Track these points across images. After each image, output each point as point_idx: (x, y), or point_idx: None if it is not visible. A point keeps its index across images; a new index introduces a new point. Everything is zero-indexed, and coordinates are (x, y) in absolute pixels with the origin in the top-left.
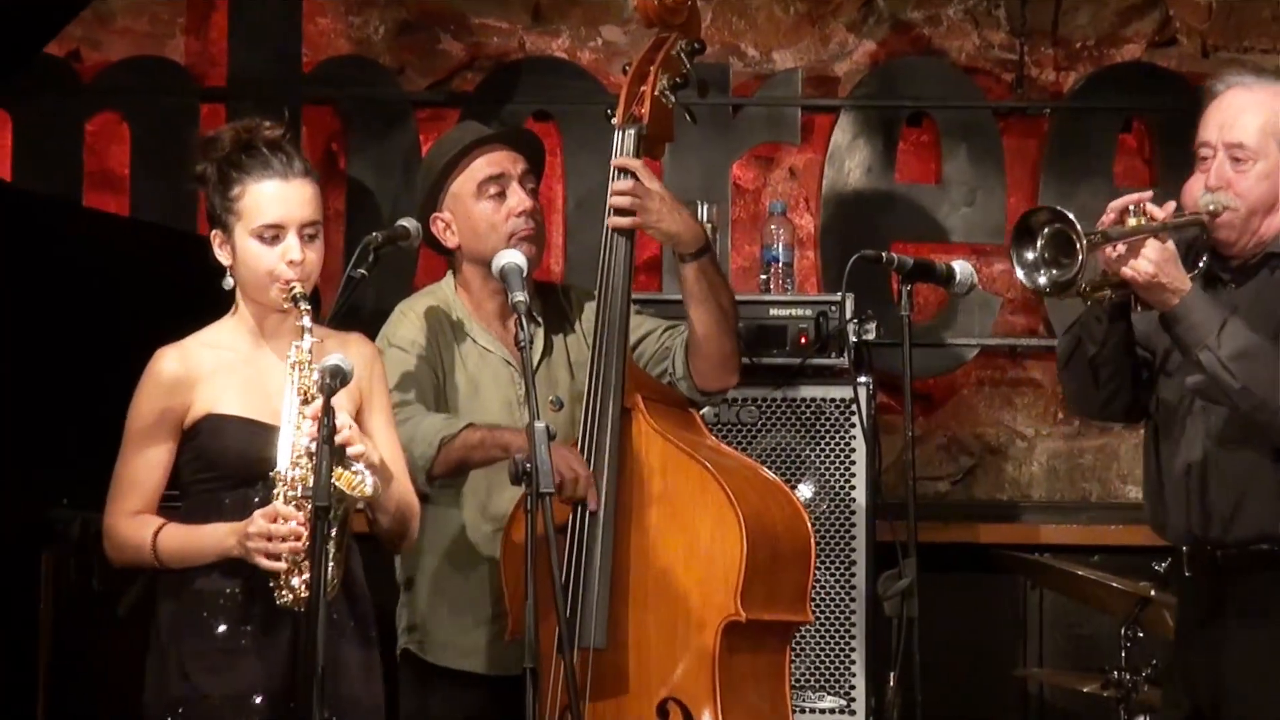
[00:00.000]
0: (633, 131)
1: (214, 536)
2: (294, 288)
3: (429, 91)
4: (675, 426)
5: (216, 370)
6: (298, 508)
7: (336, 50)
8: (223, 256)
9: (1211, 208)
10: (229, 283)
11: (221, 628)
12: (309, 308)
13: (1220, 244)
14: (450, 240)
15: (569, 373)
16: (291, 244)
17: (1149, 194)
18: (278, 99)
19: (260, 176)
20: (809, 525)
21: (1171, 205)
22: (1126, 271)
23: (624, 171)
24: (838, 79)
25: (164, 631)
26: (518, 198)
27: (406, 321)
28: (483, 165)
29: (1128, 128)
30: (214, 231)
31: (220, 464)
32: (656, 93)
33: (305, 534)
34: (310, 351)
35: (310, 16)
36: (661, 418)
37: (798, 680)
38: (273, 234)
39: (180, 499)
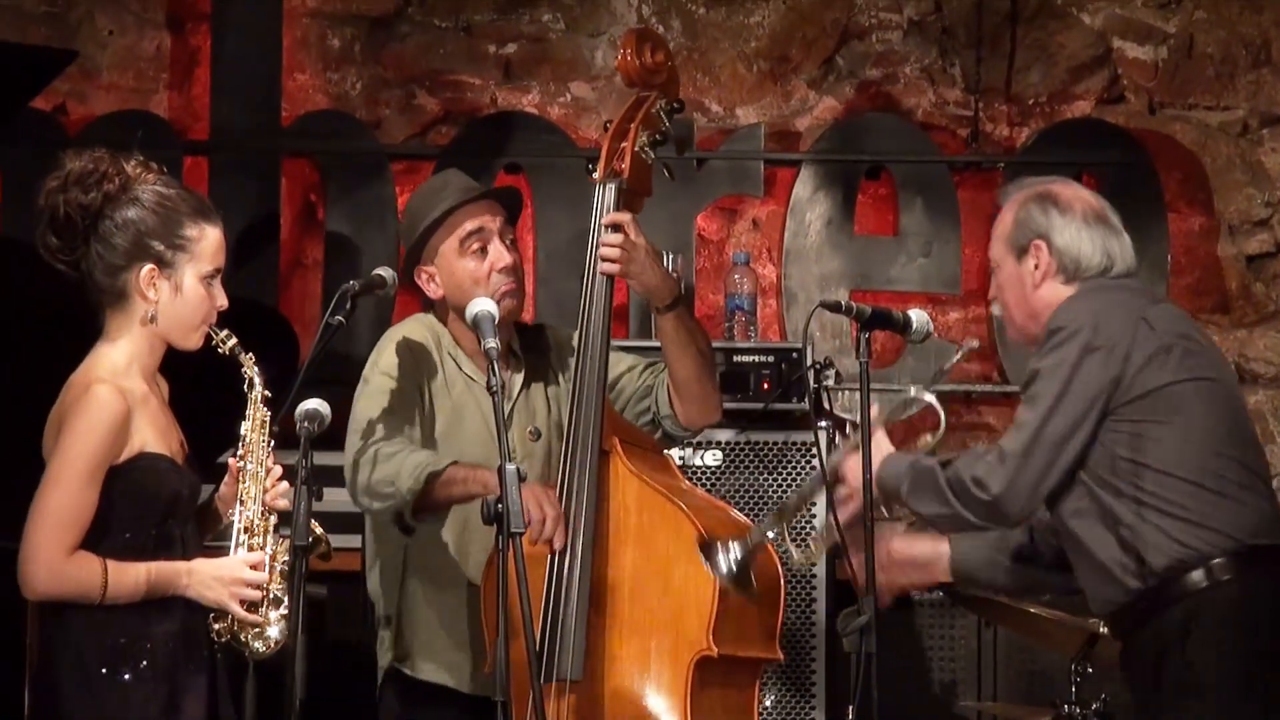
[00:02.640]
0: (613, 186)
1: (166, 575)
2: (230, 335)
3: (405, 145)
4: (650, 469)
5: (136, 407)
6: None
7: (315, 105)
8: (150, 290)
9: (996, 311)
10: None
11: (154, 666)
12: (250, 355)
13: (1021, 343)
14: (434, 292)
15: (547, 405)
16: (220, 289)
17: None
18: (258, 152)
19: (213, 220)
20: (779, 566)
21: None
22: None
23: (615, 226)
24: (799, 134)
25: (91, 665)
26: (499, 253)
27: (392, 348)
28: (464, 222)
29: (1078, 180)
30: (148, 266)
31: (154, 502)
32: (636, 149)
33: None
34: (266, 404)
35: (289, 72)
36: (637, 460)
37: (761, 716)
38: (214, 278)
39: (91, 535)
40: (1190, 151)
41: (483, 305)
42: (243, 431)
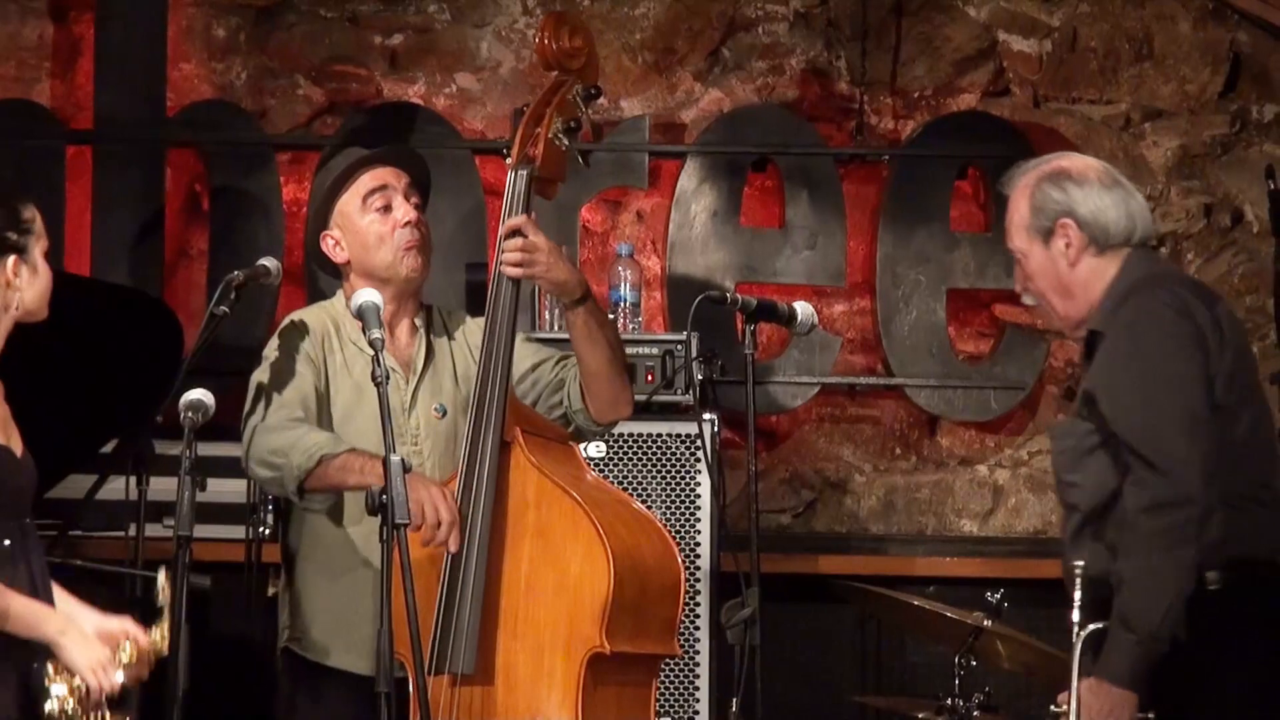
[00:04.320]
0: (525, 172)
1: (35, 615)
2: (167, 583)
3: (290, 135)
4: (552, 461)
5: None
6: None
7: (200, 94)
8: (16, 279)
9: (1029, 302)
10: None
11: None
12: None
13: (1059, 331)
14: (339, 256)
15: (454, 381)
16: None
17: None
18: (143, 142)
19: (30, 198)
20: (679, 562)
21: None
22: None
23: (512, 231)
24: (684, 126)
25: None
26: (403, 209)
27: (291, 329)
28: (367, 180)
29: (963, 174)
30: (12, 258)
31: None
32: (550, 135)
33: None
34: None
35: (174, 62)
36: (539, 451)
37: None
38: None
39: None
40: (1074, 145)
41: (366, 296)
42: (155, 636)
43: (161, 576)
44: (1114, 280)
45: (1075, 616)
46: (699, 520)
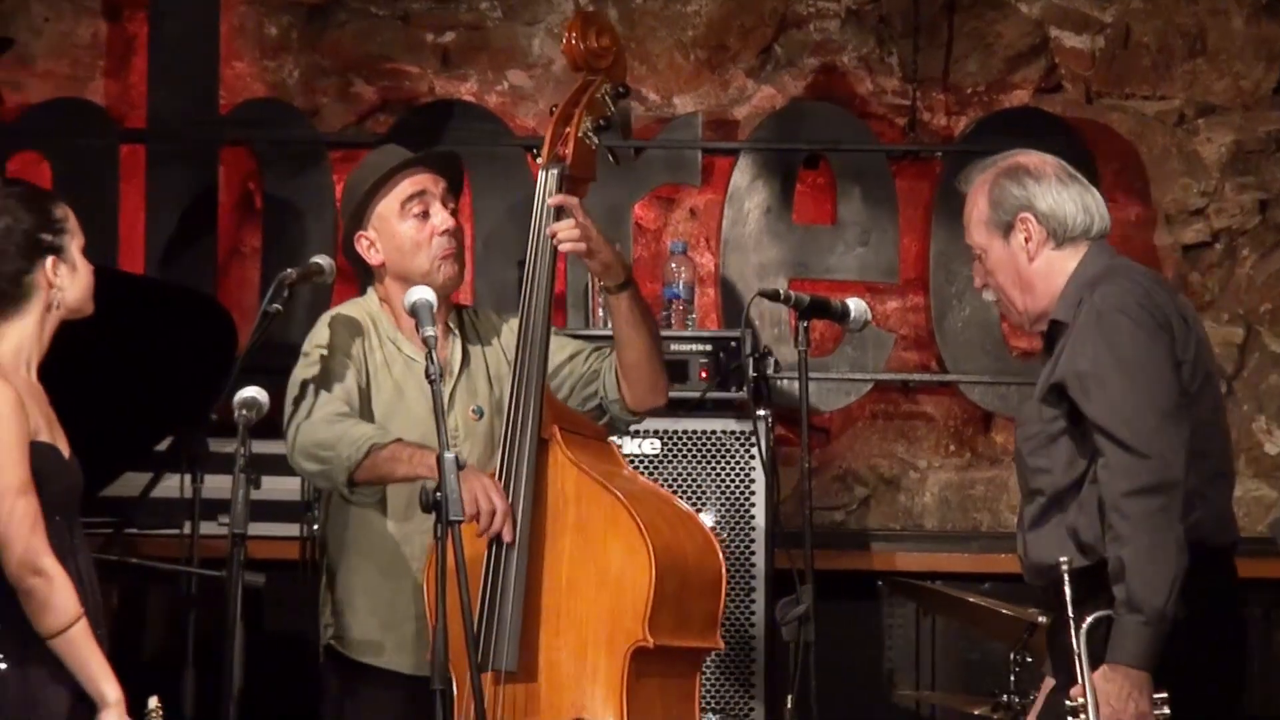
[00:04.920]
0: (556, 171)
1: (109, 679)
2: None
3: (342, 133)
4: (591, 457)
5: (24, 396)
6: None
7: (253, 93)
8: (55, 279)
9: (989, 298)
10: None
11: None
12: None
13: (1017, 326)
14: (374, 258)
15: (489, 383)
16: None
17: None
18: (196, 140)
19: (59, 197)
20: (720, 556)
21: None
22: None
23: (561, 209)
24: (737, 122)
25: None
26: (440, 217)
27: (328, 327)
28: (406, 185)
29: None
30: (49, 259)
31: (44, 492)
32: (580, 134)
33: None
34: None
35: (227, 60)
36: (577, 448)
37: (702, 704)
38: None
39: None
40: (1127, 141)
41: (420, 294)
42: None
43: (153, 701)
44: (1074, 273)
45: (1070, 611)
46: (753, 517)
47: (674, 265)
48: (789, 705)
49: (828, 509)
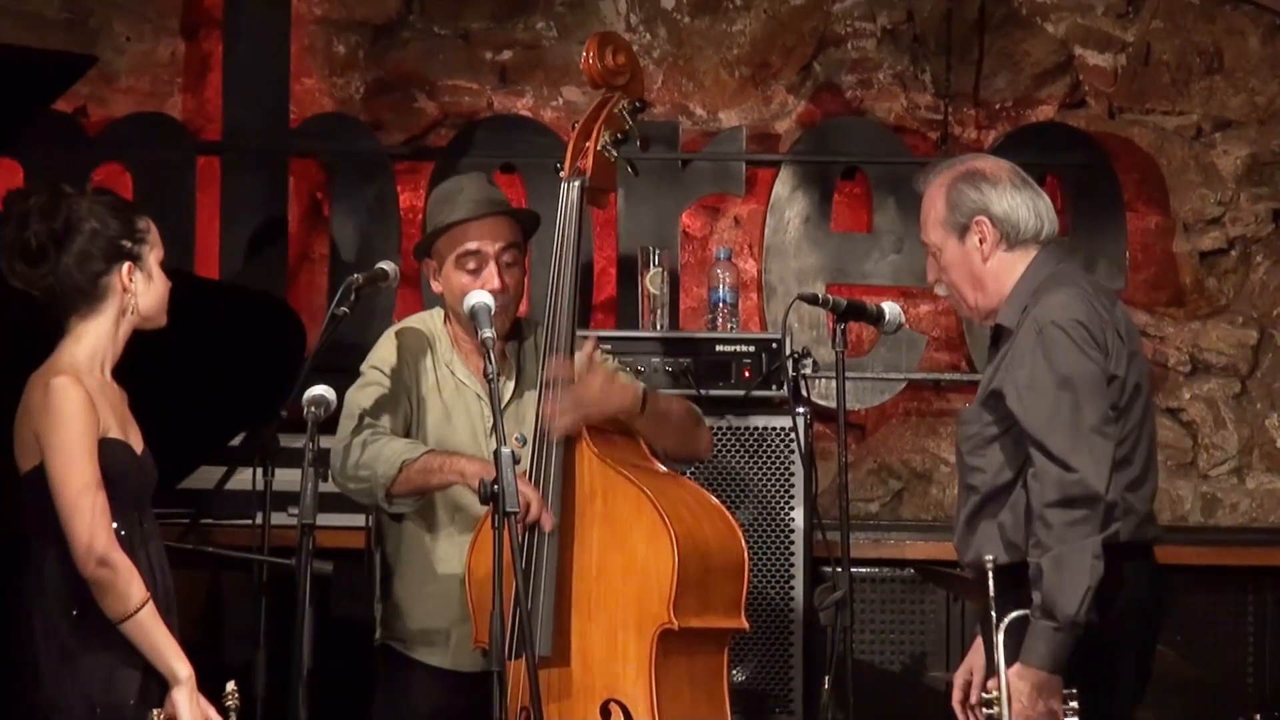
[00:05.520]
0: (577, 184)
1: (173, 653)
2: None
3: (405, 146)
4: (617, 451)
5: (95, 395)
6: None
7: (321, 108)
8: (131, 284)
9: (942, 293)
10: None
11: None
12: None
13: (967, 319)
14: (435, 286)
15: (537, 415)
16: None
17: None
18: (267, 152)
19: (144, 211)
20: (742, 541)
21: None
22: None
23: (555, 380)
24: (778, 136)
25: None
26: (492, 277)
27: (388, 345)
28: (467, 239)
29: (1042, 182)
30: (127, 264)
31: (115, 488)
32: (599, 148)
33: None
34: None
35: (297, 76)
36: (603, 443)
37: (742, 685)
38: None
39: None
40: (1148, 154)
41: (480, 298)
42: None
43: (230, 685)
44: (1023, 276)
45: (992, 607)
46: (793, 508)
47: (719, 271)
48: (826, 686)
49: (863, 500)
